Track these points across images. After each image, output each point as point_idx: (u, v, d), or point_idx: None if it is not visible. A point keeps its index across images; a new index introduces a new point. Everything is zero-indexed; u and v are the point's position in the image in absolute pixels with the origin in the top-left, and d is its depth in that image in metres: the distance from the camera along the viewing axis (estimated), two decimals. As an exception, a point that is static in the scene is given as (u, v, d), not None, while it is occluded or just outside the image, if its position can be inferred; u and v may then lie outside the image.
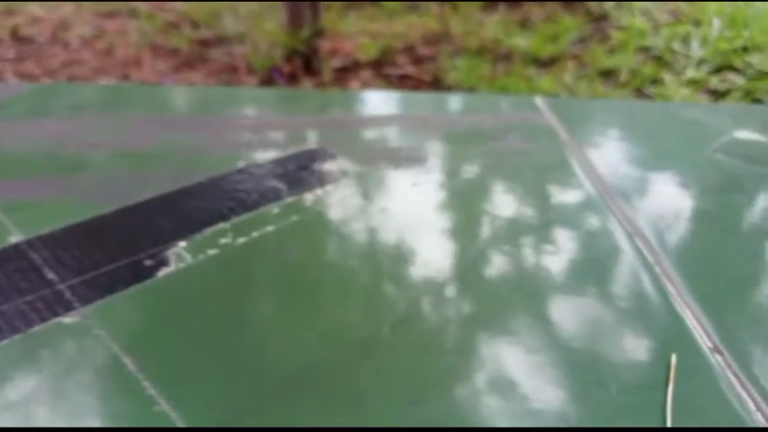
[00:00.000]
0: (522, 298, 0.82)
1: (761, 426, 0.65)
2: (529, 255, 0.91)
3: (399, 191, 1.05)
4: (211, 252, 0.87)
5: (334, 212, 0.97)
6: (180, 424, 0.61)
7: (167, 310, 0.78)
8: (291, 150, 1.13)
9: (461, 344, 0.74)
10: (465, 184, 1.10)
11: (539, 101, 1.38)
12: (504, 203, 1.06)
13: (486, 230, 0.96)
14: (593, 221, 0.99)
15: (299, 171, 1.07)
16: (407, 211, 1.00)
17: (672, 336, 0.77)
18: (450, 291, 0.82)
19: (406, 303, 0.79)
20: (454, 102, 1.52)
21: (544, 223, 0.98)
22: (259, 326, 0.76)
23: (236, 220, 0.94)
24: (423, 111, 1.39)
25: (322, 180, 1.05)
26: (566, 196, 1.08)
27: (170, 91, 1.67)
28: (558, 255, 0.92)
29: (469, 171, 1.13)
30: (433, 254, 0.89)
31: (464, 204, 1.05)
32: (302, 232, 0.92)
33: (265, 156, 1.11)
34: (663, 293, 0.83)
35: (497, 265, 0.88)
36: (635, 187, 1.08)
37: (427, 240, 0.93)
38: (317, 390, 0.67)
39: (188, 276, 0.83)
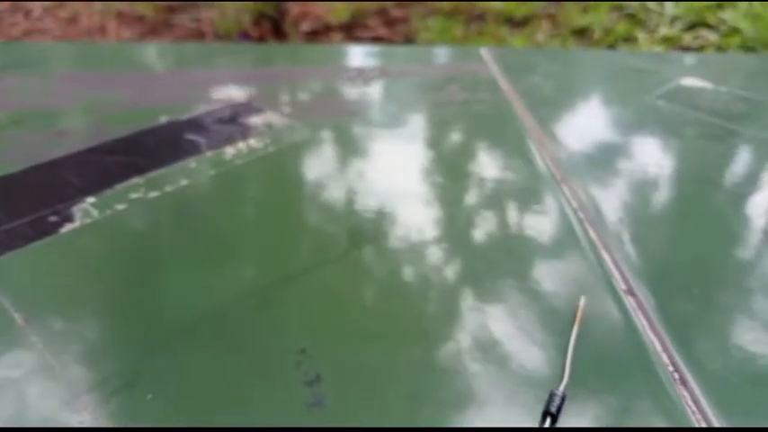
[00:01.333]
0: (437, 246, 0.79)
1: (665, 364, 0.64)
2: (452, 201, 0.89)
3: (324, 144, 1.01)
4: (120, 207, 0.84)
5: (252, 166, 0.94)
6: (64, 376, 0.59)
7: (65, 265, 0.75)
8: (217, 105, 1.10)
9: (355, 295, 0.72)
10: (396, 135, 1.07)
11: (484, 52, 1.34)
12: (435, 153, 1.03)
13: (410, 181, 0.93)
14: (521, 167, 0.96)
15: (222, 125, 1.03)
16: (328, 164, 0.97)
17: (589, 278, 0.75)
18: (354, 244, 0.79)
19: (308, 256, 0.77)
20: (398, 54, 1.48)
21: (472, 170, 0.96)
22: (157, 278, 0.73)
23: (150, 174, 0.91)
24: (365, 63, 1.35)
25: (245, 134, 1.01)
26: (496, 143, 1.05)
27: (99, 49, 1.61)
28: (481, 198, 0.89)
29: (402, 122, 1.10)
30: (348, 208, 0.87)
31: (392, 156, 1.01)
32: (216, 186, 0.89)
33: (189, 111, 1.07)
34: (585, 237, 0.81)
35: (417, 215, 0.86)
36: (568, 134, 1.05)
37: (344, 194, 0.90)
38: (209, 338, 0.64)
39: (92, 232, 0.80)
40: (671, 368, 0.63)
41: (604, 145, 1.04)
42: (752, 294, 0.74)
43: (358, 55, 1.44)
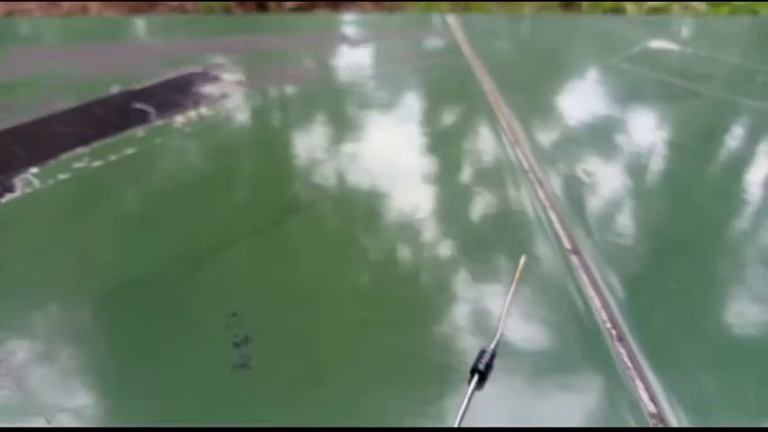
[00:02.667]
0: (377, 207, 0.78)
1: (603, 321, 0.63)
2: (398, 163, 0.87)
3: (275, 112, 1.00)
4: (62, 177, 0.82)
5: (200, 134, 0.92)
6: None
7: (0, 234, 0.73)
8: (173, 75, 1.08)
9: (289, 260, 0.71)
10: (352, 102, 1.05)
11: (450, 18, 1.32)
12: (388, 118, 1.01)
13: (360, 147, 0.92)
14: (476, 129, 0.94)
15: (175, 94, 1.01)
16: (276, 132, 0.95)
17: (535, 237, 0.73)
18: (292, 210, 0.78)
19: (245, 223, 0.75)
20: (364, 21, 1.45)
21: (425, 132, 0.94)
22: (93, 244, 0.72)
23: (97, 144, 0.89)
24: (331, 31, 1.32)
25: (197, 103, 0.99)
26: (454, 105, 1.04)
27: (59, 22, 1.59)
28: (430, 158, 0.88)
29: (360, 88, 1.08)
30: (291, 175, 0.85)
31: (343, 123, 1.00)
32: (161, 154, 0.88)
33: (144, 81, 1.05)
34: (535, 197, 0.80)
35: (362, 179, 0.84)
36: (526, 95, 1.03)
37: (288, 162, 0.88)
38: (141, 301, 0.63)
39: (31, 201, 0.78)
40: (609, 325, 0.62)
41: (561, 106, 1.03)
42: (694, 255, 0.73)
43: (324, 23, 1.41)
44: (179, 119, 0.95)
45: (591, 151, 0.91)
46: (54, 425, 0.50)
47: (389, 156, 0.89)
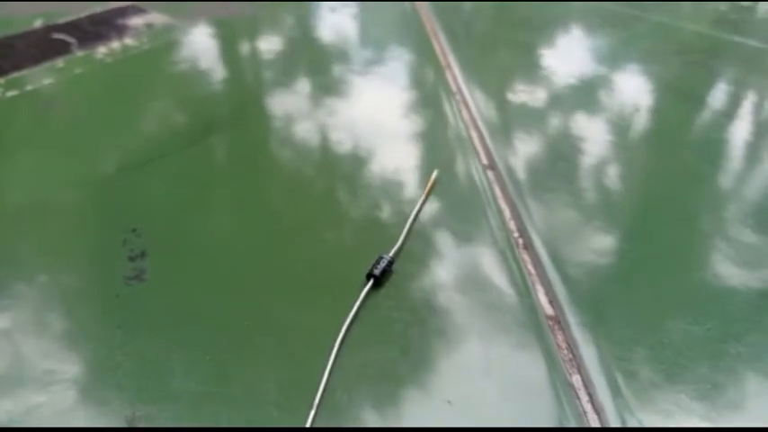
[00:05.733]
0: (296, 126, 0.76)
1: (511, 230, 0.62)
2: (317, 82, 0.85)
3: (198, 43, 0.97)
4: (-27, 107, 0.80)
5: (121, 64, 0.89)
6: None
7: None
8: (100, 9, 1.04)
9: (197, 180, 0.69)
10: (278, 33, 1.02)
11: None
12: (310, 48, 0.98)
13: (278, 74, 0.89)
14: (411, 55, 0.92)
15: (99, 26, 0.98)
16: (197, 61, 0.92)
17: (454, 154, 0.72)
18: (205, 133, 0.76)
19: (157, 146, 0.73)
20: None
21: (368, 57, 0.92)
22: (1, 166, 0.70)
23: (14, 75, 0.86)
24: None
25: (121, 34, 0.96)
26: (393, 26, 1.01)
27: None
28: (367, 80, 0.86)
29: (289, 24, 1.05)
30: (206, 100, 0.83)
31: (267, 51, 0.97)
32: (79, 83, 0.85)
33: (70, 15, 1.02)
34: (458, 116, 0.79)
35: (278, 104, 0.82)
36: (461, 25, 1.01)
37: (206, 89, 0.86)
38: (43, 220, 0.62)
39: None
40: (516, 234, 0.62)
41: (496, 32, 1.01)
42: (602, 171, 0.72)
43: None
44: (101, 50, 0.92)
45: (522, 75, 0.90)
46: None
47: (317, 81, 0.87)
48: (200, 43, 0.95)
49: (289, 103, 0.81)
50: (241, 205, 0.65)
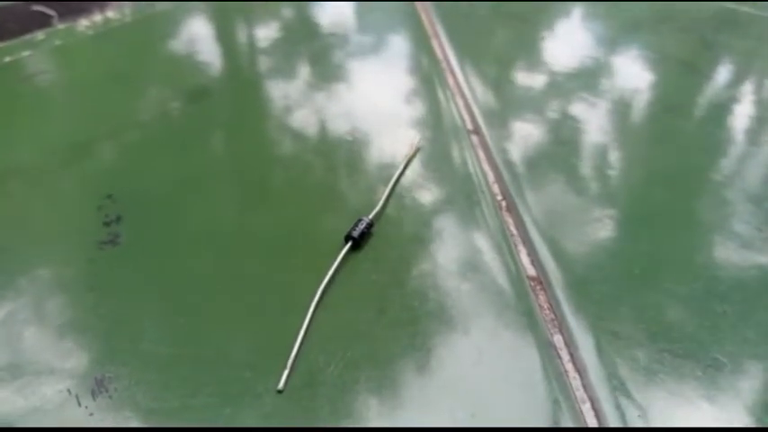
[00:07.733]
0: (276, 91, 0.75)
1: (495, 194, 0.61)
2: (302, 52, 0.84)
3: (183, 17, 0.95)
4: (-49, 79, 0.79)
5: (102, 36, 0.88)
6: None
7: None
8: (83, -18, 1.02)
9: (175, 147, 0.68)
10: (264, 7, 1.01)
11: None
12: (293, 29, 0.97)
13: (264, 45, 0.88)
14: (404, 34, 0.91)
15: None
16: (180, 35, 0.91)
17: (441, 120, 0.71)
18: (189, 100, 0.75)
19: (136, 113, 0.72)
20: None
21: (361, 39, 0.91)
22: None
23: (-6, 48, 0.85)
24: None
25: (104, 6, 0.95)
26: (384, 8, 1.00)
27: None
28: (359, 60, 0.85)
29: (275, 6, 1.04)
30: (187, 70, 0.82)
31: (255, 25, 0.96)
32: (59, 55, 0.84)
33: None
34: (444, 84, 0.77)
35: (260, 76, 0.81)
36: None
37: (187, 58, 0.85)
38: (18, 187, 0.61)
39: None
40: (500, 197, 0.60)
41: (481, 8, 0.99)
42: (583, 140, 0.71)
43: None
44: (83, 22, 0.90)
45: (506, 42, 0.89)
46: None
47: (297, 49, 0.86)
48: (185, 16, 0.94)
49: (276, 75, 0.80)
50: (220, 170, 0.63)
